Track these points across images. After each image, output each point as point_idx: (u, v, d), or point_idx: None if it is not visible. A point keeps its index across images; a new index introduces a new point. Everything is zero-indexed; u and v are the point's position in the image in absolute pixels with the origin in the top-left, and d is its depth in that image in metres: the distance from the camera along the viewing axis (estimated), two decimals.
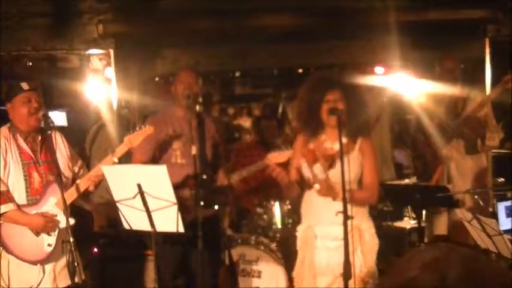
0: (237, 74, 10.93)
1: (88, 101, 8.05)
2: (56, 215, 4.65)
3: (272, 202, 6.93)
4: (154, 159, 5.36)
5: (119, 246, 6.41)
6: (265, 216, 6.94)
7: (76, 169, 4.97)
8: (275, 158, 5.08)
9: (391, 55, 8.00)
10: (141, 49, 8.06)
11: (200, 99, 5.31)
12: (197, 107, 5.24)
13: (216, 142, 5.58)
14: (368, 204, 4.91)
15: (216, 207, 5.51)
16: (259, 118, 8.95)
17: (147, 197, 4.37)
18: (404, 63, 8.42)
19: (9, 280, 4.59)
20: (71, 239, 4.33)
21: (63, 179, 4.67)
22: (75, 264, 4.33)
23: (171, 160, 5.30)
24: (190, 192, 5.13)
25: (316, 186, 4.65)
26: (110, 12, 7.49)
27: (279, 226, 6.89)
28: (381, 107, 8.62)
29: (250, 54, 8.58)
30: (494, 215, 5.39)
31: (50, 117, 4.61)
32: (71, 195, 4.68)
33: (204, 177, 5.20)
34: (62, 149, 4.86)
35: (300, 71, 9.80)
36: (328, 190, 4.62)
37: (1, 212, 4.55)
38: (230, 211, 7.11)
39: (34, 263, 4.65)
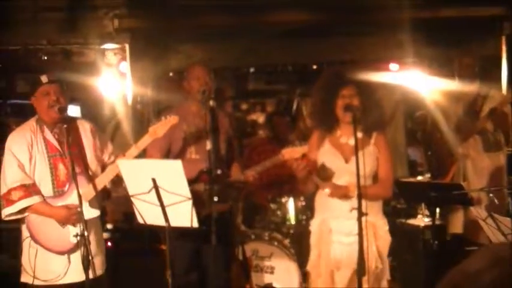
0: (251, 69, 10.90)
1: (102, 96, 8.07)
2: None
3: (286, 198, 6.93)
4: (169, 155, 5.36)
5: (133, 240, 6.43)
6: (278, 212, 6.95)
7: (106, 157, 4.98)
8: (289, 153, 5.08)
9: (405, 52, 7.99)
10: (156, 44, 8.07)
11: (213, 95, 5.31)
12: (211, 102, 5.24)
13: (229, 137, 5.58)
14: (382, 199, 4.93)
15: (229, 202, 5.50)
16: (272, 114, 8.96)
17: (162, 191, 4.37)
18: (418, 60, 8.40)
19: (34, 269, 4.65)
20: (85, 233, 4.35)
21: (90, 171, 4.71)
22: (89, 258, 4.35)
23: (186, 155, 5.31)
24: (205, 187, 5.13)
25: (326, 190, 4.71)
26: (125, 6, 7.50)
27: (293, 222, 6.89)
28: (395, 104, 8.60)
29: (264, 50, 8.58)
30: (510, 213, 5.37)
31: (65, 111, 4.66)
32: (89, 192, 4.70)
33: (219, 172, 5.20)
34: (90, 139, 4.88)
35: (315, 67, 9.77)
36: (338, 192, 4.68)
37: (26, 206, 4.60)
38: (242, 207, 7.10)
39: (61, 253, 4.69)
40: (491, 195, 5.17)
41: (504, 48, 7.41)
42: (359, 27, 8.05)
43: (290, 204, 6.91)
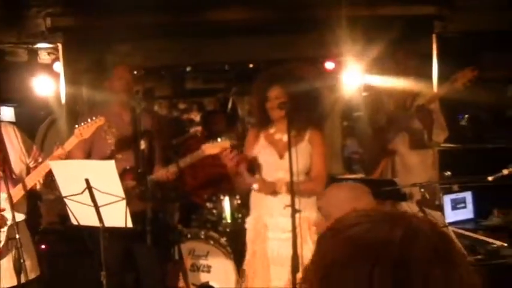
0: (188, 69, 10.90)
1: (37, 96, 7.95)
2: (4, 211, 4.57)
3: (222, 196, 6.94)
4: (90, 155, 5.37)
5: (68, 242, 6.36)
6: (214, 211, 6.95)
7: (31, 161, 4.89)
8: (209, 149, 5.13)
9: (342, 49, 8.05)
10: (91, 43, 7.98)
11: (141, 94, 5.35)
12: (137, 102, 5.28)
13: (151, 136, 5.59)
14: (315, 195, 4.98)
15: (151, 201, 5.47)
16: (208, 112, 8.96)
17: (95, 192, 4.34)
18: (354, 58, 8.49)
19: None
20: (17, 236, 4.27)
21: (14, 175, 4.62)
22: (21, 261, 4.28)
23: (106, 155, 5.32)
24: (127, 186, 5.10)
25: (255, 186, 4.78)
26: (59, 5, 7.39)
27: (229, 221, 6.91)
28: (331, 101, 8.67)
29: (202, 49, 8.56)
30: (440, 208, 5.48)
31: None
32: (19, 191, 4.61)
33: (139, 171, 5.23)
34: (14, 142, 4.77)
35: (251, 65, 9.82)
36: (266, 187, 4.75)
37: None
38: (179, 206, 7.08)
39: None
40: (422, 190, 5.25)
41: (435, 46, 7.53)
42: (296, 25, 8.09)
43: (226, 202, 6.92)
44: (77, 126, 4.83)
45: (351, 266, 1.23)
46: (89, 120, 4.81)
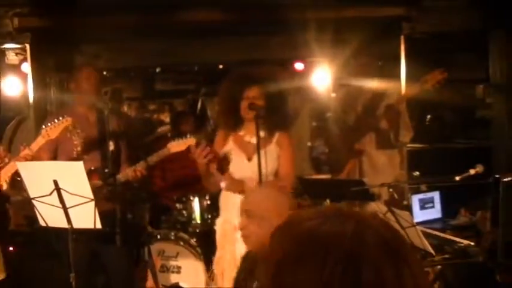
0: (158, 69, 10.88)
1: (5, 97, 7.88)
2: None
3: (191, 197, 6.94)
4: (56, 156, 5.35)
5: (36, 243, 6.31)
6: (184, 212, 6.96)
7: None
8: (175, 146, 5.15)
9: (311, 51, 8.08)
10: (59, 44, 7.92)
11: (108, 95, 5.34)
12: (104, 103, 5.27)
13: (117, 137, 5.59)
14: None
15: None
16: (177, 113, 8.95)
17: (64, 193, 4.32)
18: (324, 60, 8.53)
19: None
20: None
21: None
22: None
23: (72, 156, 5.30)
24: (94, 186, 5.09)
25: (222, 184, 4.79)
26: (26, 5, 7.32)
27: (199, 221, 6.92)
28: (300, 103, 8.70)
29: (171, 50, 8.54)
30: (408, 208, 5.53)
31: None
32: None
33: (106, 170, 5.23)
34: None
35: (221, 67, 9.83)
36: (234, 185, 4.75)
37: None
38: (150, 207, 7.06)
39: None
40: (390, 190, 5.30)
41: (403, 47, 7.57)
42: (265, 26, 8.10)
43: (196, 203, 6.93)
44: (44, 126, 4.83)
45: (302, 259, 1.23)
46: (56, 120, 4.81)
